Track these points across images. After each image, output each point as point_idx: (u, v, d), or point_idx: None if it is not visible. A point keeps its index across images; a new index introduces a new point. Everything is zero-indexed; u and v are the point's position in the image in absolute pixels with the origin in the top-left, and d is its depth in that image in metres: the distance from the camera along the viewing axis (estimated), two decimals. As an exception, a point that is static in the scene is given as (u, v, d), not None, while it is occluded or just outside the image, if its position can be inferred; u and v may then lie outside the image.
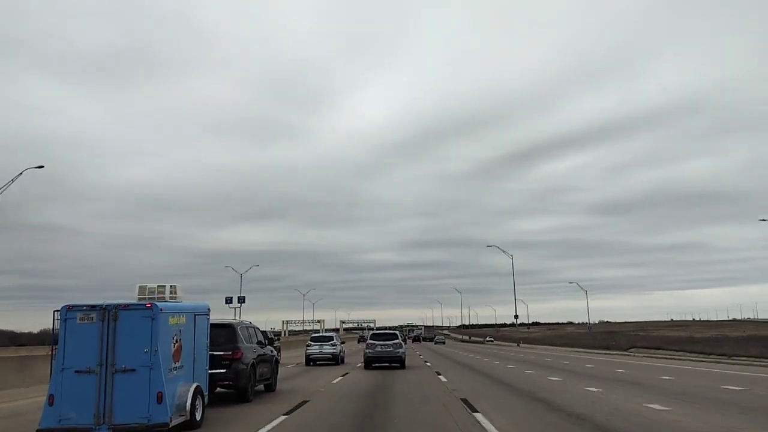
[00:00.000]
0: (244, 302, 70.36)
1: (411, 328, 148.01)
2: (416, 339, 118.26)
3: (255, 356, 15.25)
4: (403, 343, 28.36)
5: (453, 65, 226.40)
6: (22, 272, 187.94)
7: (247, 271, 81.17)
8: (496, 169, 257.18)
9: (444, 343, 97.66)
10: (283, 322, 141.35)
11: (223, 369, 13.83)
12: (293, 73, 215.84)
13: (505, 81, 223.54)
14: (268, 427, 10.38)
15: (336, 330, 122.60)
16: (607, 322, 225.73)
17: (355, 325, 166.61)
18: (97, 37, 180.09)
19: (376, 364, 26.87)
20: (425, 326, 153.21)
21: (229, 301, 70.82)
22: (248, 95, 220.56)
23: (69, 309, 9.50)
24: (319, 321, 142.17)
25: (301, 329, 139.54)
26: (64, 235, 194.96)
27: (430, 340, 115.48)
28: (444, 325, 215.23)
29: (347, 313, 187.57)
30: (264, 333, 17.94)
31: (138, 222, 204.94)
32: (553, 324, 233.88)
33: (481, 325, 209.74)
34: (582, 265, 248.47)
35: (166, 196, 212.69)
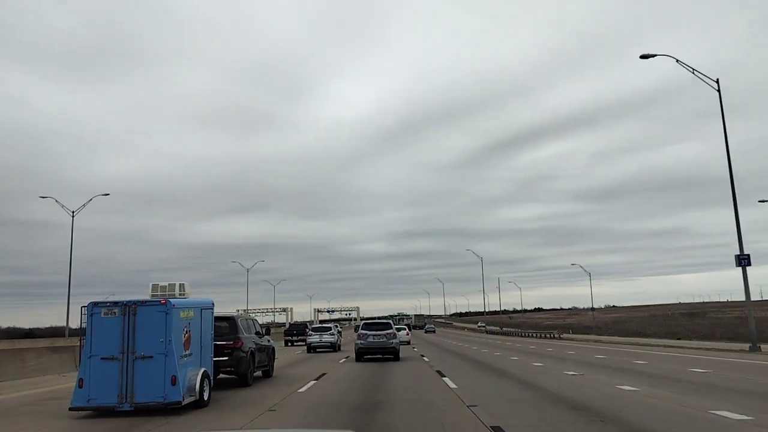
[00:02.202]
0: None
1: (401, 317, 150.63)
2: (407, 327, 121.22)
3: (254, 345, 16.82)
4: (397, 333, 27.31)
5: (435, 52, 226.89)
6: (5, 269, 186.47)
7: (79, 209, 50.06)
8: (482, 157, 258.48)
9: (434, 332, 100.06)
10: (236, 311, 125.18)
11: (225, 357, 15.37)
12: (274, 62, 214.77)
13: (488, 68, 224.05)
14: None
15: (311, 322, 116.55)
16: (613, 306, 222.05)
17: (329, 314, 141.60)
18: (74, 26, 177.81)
19: (368, 356, 26.26)
20: (415, 315, 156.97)
21: None
22: (228, 85, 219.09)
23: (95, 305, 11.07)
24: (284, 309, 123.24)
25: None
26: (47, 230, 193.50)
27: (420, 328, 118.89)
28: (437, 314, 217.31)
29: (328, 302, 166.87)
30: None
31: (122, 216, 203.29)
32: (556, 310, 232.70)
33: (474, 312, 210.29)
34: (567, 253, 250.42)
35: (150, 189, 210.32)
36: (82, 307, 11.16)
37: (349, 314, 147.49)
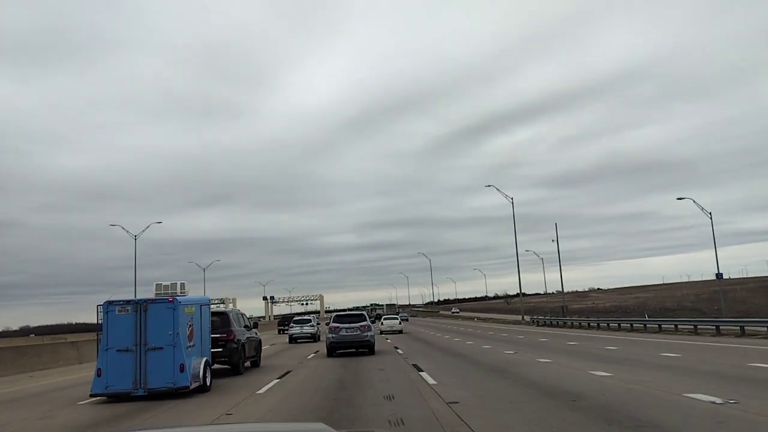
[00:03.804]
0: None
1: (373, 307, 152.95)
2: (378, 317, 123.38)
3: (244, 338, 18.39)
4: (371, 325, 25.24)
5: (399, 38, 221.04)
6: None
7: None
8: (448, 145, 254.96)
9: (407, 320, 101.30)
10: None
11: (220, 348, 16.91)
12: (232, 49, 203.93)
13: (454, 54, 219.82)
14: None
15: (300, 314, 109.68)
16: (598, 289, 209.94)
17: (288, 306, 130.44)
18: (14, 16, 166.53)
19: (341, 351, 24.24)
20: (387, 305, 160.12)
21: None
22: (184, 74, 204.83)
23: (109, 303, 12.59)
24: (223, 300, 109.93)
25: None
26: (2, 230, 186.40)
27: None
28: (413, 303, 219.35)
29: (288, 291, 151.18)
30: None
31: (80, 212, 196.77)
32: (532, 295, 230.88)
33: (459, 299, 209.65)
34: (535, 240, 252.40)
35: (108, 184, 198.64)
36: (98, 306, 12.64)
37: (307, 303, 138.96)
